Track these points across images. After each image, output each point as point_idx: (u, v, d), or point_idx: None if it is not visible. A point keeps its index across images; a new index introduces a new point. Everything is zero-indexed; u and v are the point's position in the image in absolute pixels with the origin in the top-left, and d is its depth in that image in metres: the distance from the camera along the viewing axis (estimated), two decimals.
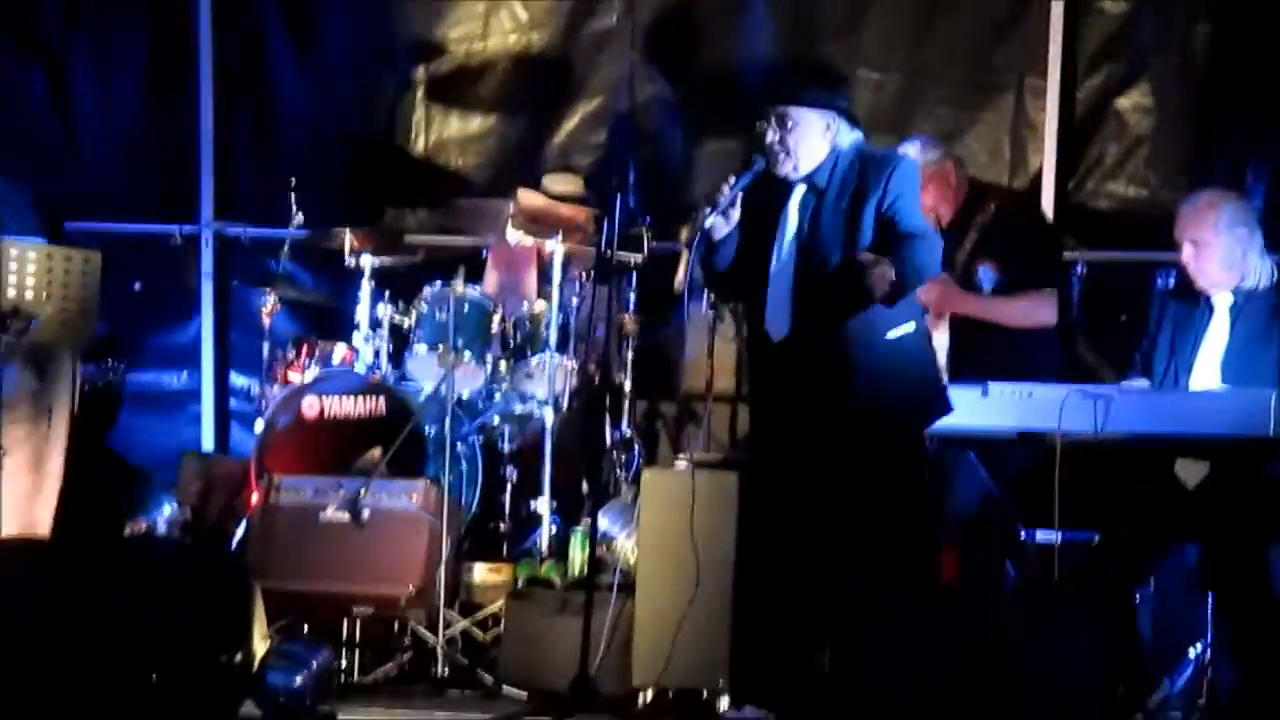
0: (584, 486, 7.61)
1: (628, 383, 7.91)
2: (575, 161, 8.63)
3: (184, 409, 9.08)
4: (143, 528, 7.95)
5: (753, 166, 6.00)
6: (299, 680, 6.00)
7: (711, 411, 7.96)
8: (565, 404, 7.74)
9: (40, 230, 6.59)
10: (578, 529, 7.23)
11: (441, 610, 7.02)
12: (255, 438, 7.86)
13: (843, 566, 5.87)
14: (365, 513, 7.10)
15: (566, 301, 7.93)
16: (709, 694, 6.51)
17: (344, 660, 6.96)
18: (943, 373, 6.42)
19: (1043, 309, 7.20)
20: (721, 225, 5.99)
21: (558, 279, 7.84)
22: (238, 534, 7.49)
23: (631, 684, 6.59)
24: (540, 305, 7.89)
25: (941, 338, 6.97)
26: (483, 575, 7.33)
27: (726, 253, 6.05)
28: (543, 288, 8.01)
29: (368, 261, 7.98)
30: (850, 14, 8.44)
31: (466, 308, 7.74)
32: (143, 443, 8.57)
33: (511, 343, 7.85)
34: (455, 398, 7.49)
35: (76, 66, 9.02)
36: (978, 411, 6.17)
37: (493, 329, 7.81)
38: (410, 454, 7.48)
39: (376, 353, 7.89)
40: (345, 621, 7.04)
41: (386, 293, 7.97)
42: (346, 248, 8.00)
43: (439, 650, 6.98)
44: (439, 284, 7.83)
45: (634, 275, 8.01)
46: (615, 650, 6.59)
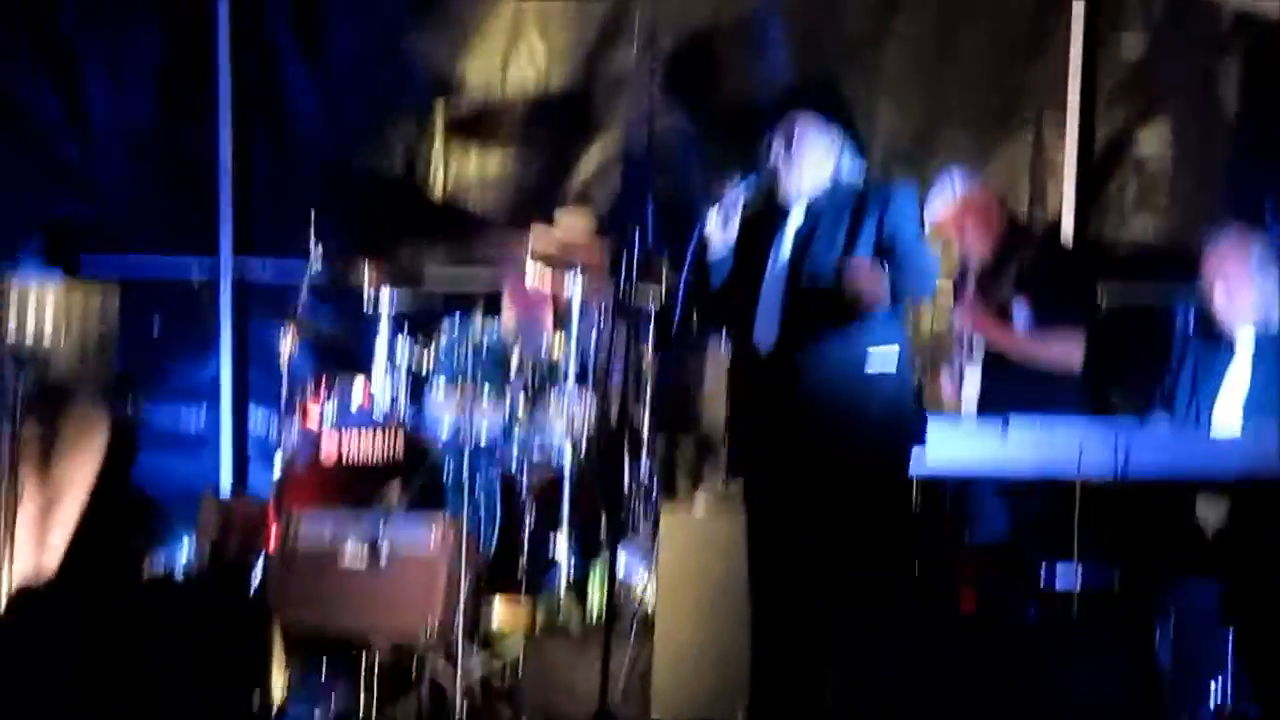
0: (603, 523, 7.62)
1: (646, 417, 7.92)
2: (595, 195, 8.65)
3: (202, 446, 9.07)
4: (161, 565, 7.96)
5: (756, 177, 6.04)
6: (317, 718, 6.00)
7: (729, 444, 7.96)
8: (584, 440, 7.74)
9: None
10: (596, 566, 7.22)
11: (460, 648, 7.02)
12: (274, 476, 7.87)
13: (839, 596, 5.90)
14: (384, 551, 7.10)
15: (584, 337, 7.93)
16: None
17: (362, 698, 6.94)
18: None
19: (1074, 354, 7.21)
20: (718, 240, 6.03)
21: (576, 315, 7.85)
22: (256, 572, 7.50)
23: (651, 717, 6.60)
24: (558, 341, 7.91)
25: (974, 374, 7.02)
26: (501, 612, 7.33)
27: (720, 271, 6.11)
28: (560, 324, 8.02)
29: (386, 297, 8.00)
30: (868, 45, 8.45)
31: (485, 345, 7.74)
32: (161, 480, 8.55)
33: (530, 379, 7.86)
34: (474, 435, 7.50)
35: (92, 83, 8.99)
36: (998, 448, 6.17)
37: (511, 366, 7.82)
38: (429, 492, 7.49)
39: (395, 390, 7.89)
40: (364, 659, 7.03)
41: (405, 329, 7.98)
42: (365, 284, 8.01)
43: (457, 688, 6.98)
44: (458, 321, 7.85)
45: (652, 310, 8.03)
46: (634, 684, 6.61)
